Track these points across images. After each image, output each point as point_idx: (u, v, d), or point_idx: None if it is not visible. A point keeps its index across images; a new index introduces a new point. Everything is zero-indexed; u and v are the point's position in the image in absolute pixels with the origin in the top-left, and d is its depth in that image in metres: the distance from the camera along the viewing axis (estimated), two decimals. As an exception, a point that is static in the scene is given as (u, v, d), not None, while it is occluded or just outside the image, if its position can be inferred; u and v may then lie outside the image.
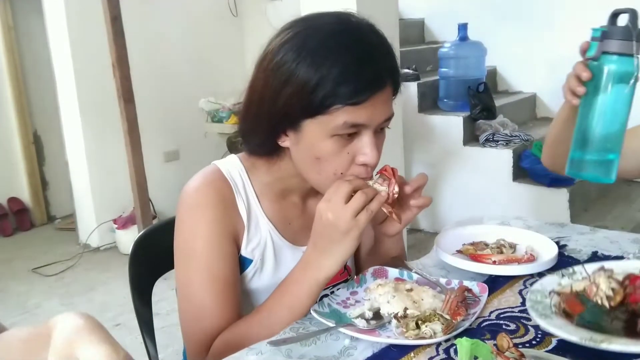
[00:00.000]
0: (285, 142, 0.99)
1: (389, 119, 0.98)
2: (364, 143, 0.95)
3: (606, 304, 0.88)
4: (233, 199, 1.04)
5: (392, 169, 1.00)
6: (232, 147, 2.26)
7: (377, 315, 0.96)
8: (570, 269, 1.01)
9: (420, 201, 1.04)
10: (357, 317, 0.96)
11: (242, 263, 1.07)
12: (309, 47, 0.92)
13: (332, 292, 1.07)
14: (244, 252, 1.06)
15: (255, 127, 1.01)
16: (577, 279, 0.98)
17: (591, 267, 1.00)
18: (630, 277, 0.92)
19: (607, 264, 1.00)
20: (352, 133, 0.95)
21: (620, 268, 0.98)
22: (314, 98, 0.91)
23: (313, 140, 0.95)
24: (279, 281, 1.06)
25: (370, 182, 0.99)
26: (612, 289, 0.89)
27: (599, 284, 0.91)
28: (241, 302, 1.06)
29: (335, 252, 0.94)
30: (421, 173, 1.06)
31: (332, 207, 0.91)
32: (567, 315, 0.88)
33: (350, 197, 0.91)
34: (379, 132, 0.99)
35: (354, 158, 0.96)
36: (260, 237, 1.07)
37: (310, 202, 1.13)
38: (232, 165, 1.07)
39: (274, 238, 1.08)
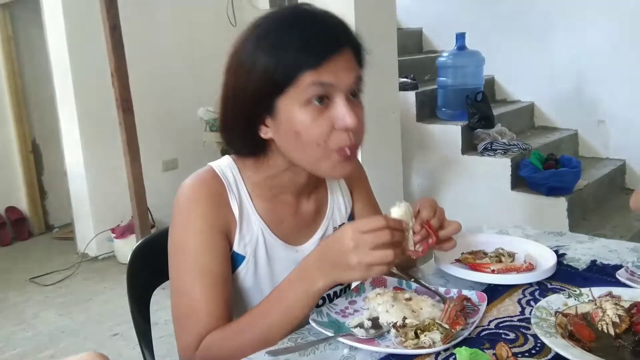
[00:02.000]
0: (267, 133, 1.01)
1: (357, 81, 0.99)
2: (338, 106, 0.96)
3: (612, 330, 0.88)
4: (225, 196, 1.05)
5: (427, 245, 1.00)
6: (226, 154, 2.29)
7: (376, 324, 0.96)
8: (577, 290, 1.01)
9: (446, 247, 1.05)
10: (356, 326, 0.96)
11: (235, 259, 1.07)
12: (265, 33, 0.97)
13: (331, 302, 1.07)
14: (237, 249, 1.06)
15: (235, 126, 1.03)
16: (583, 300, 0.98)
17: (598, 291, 1.00)
18: (638, 306, 0.92)
19: (615, 290, 1.00)
20: (323, 99, 0.96)
21: (628, 295, 0.98)
22: (279, 74, 0.94)
23: (289, 116, 0.97)
24: (273, 279, 1.08)
25: (411, 224, 0.99)
26: (619, 316, 0.89)
27: (605, 309, 0.91)
28: (233, 298, 1.06)
29: (334, 275, 0.93)
30: (456, 222, 1.06)
31: (359, 242, 0.89)
32: (572, 336, 0.88)
33: (381, 246, 0.89)
34: (354, 99, 1.00)
35: (333, 124, 0.97)
36: (252, 234, 1.07)
37: (304, 202, 1.14)
38: (225, 165, 1.10)
39: (265, 236, 1.08)
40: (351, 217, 1.23)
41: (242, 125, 1.02)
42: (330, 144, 0.97)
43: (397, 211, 0.98)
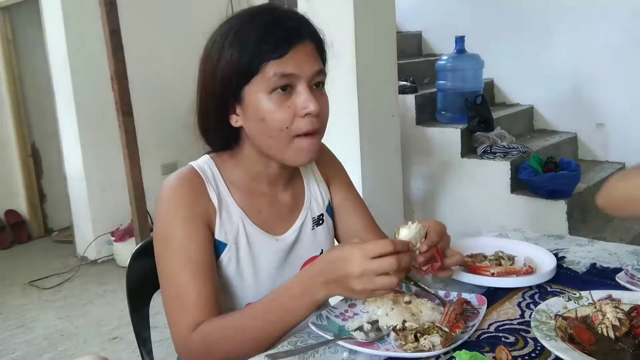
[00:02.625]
0: (237, 122, 1.07)
1: (320, 73, 1.05)
2: (301, 94, 1.02)
3: (611, 333, 0.88)
4: (203, 187, 1.10)
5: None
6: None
7: (375, 327, 0.96)
8: (577, 293, 1.01)
9: (444, 275, 1.10)
10: (355, 329, 0.96)
11: (217, 247, 1.10)
12: (231, 27, 1.04)
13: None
14: (218, 236, 1.10)
15: (209, 117, 1.10)
16: (583, 304, 0.98)
17: (598, 294, 1.00)
18: (638, 309, 0.92)
19: (615, 294, 1.00)
20: (287, 87, 1.02)
21: (628, 298, 0.98)
22: (243, 63, 1.01)
23: (255, 103, 1.03)
24: (255, 268, 1.12)
25: (418, 245, 1.01)
26: (619, 319, 0.89)
27: (605, 312, 0.91)
28: (217, 282, 1.10)
29: (337, 292, 0.94)
30: (459, 254, 1.09)
31: (365, 269, 0.89)
32: (572, 340, 0.88)
33: (386, 272, 0.90)
34: (317, 89, 1.06)
35: (296, 111, 1.03)
36: (232, 223, 1.11)
37: (280, 193, 1.19)
38: (203, 162, 1.16)
39: (245, 225, 1.12)
40: (330, 208, 1.26)
41: (215, 115, 1.08)
42: (294, 130, 1.03)
43: (407, 233, 1.00)
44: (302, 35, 1.03)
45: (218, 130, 1.10)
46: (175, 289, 1.04)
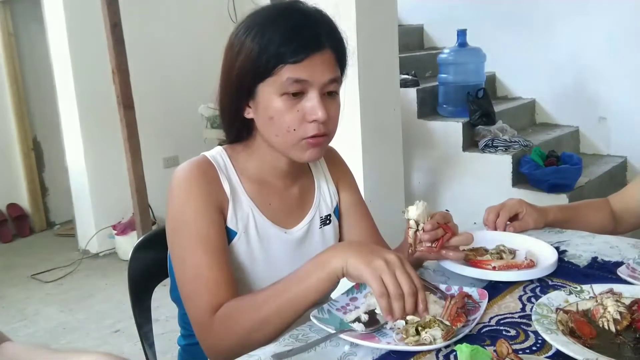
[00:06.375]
0: (249, 113, 1.10)
1: (333, 82, 1.07)
2: (311, 100, 1.04)
3: (612, 327, 0.88)
4: (217, 176, 1.13)
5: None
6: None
7: (372, 318, 0.96)
8: (578, 287, 1.01)
9: (455, 256, 1.12)
10: (353, 321, 0.96)
11: (228, 234, 1.12)
12: (256, 22, 1.06)
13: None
14: (230, 224, 1.12)
15: (224, 103, 1.12)
16: (584, 297, 0.98)
17: (599, 287, 1.00)
18: (639, 302, 0.92)
19: (616, 287, 1.00)
20: (299, 93, 1.04)
21: (629, 292, 0.98)
22: (261, 62, 1.03)
23: (266, 101, 1.05)
24: (268, 258, 1.15)
25: (421, 225, 1.08)
26: (620, 313, 0.89)
27: (606, 306, 0.91)
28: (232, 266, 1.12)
29: (348, 256, 0.95)
30: (469, 233, 1.14)
31: (395, 261, 0.93)
32: (573, 333, 0.88)
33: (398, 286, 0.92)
34: (329, 96, 1.08)
35: (304, 116, 1.05)
36: (243, 212, 1.14)
37: (289, 187, 1.21)
38: (216, 152, 1.18)
39: (255, 215, 1.15)
40: (337, 210, 1.28)
41: (229, 104, 1.11)
42: (300, 133, 1.06)
43: (415, 211, 1.08)
44: (323, 43, 1.04)
45: (233, 119, 1.13)
46: (194, 269, 1.05)
